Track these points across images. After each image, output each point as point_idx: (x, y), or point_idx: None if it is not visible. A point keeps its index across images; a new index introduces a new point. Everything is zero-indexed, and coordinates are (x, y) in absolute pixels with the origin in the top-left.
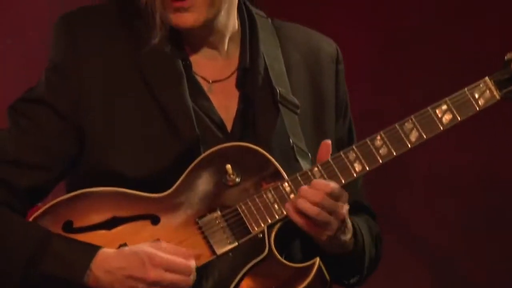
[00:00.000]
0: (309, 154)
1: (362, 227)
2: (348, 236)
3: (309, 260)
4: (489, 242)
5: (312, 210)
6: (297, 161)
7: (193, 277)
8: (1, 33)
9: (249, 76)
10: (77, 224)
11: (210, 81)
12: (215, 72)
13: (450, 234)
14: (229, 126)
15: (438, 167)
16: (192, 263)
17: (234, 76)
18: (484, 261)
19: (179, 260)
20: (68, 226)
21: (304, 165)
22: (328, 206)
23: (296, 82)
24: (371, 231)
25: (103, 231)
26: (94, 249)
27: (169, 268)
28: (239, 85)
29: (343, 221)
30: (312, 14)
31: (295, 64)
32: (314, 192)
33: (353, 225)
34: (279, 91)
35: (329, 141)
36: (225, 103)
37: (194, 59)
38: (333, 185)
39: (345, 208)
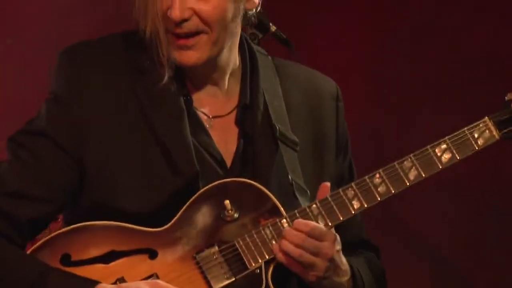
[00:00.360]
0: (308, 192)
1: (362, 268)
2: (343, 279)
3: None
4: (490, 242)
5: (294, 252)
6: (296, 197)
7: None
8: (1, 33)
9: (249, 113)
10: (75, 257)
11: (211, 117)
12: (215, 108)
13: (451, 234)
14: (228, 162)
15: None
16: None
17: (234, 112)
18: (485, 262)
19: None
20: (66, 259)
21: (303, 202)
22: (310, 247)
23: (296, 120)
24: (373, 271)
25: (100, 265)
26: (91, 284)
27: None
28: (239, 121)
29: (331, 261)
30: (312, 15)
31: (295, 102)
32: (295, 234)
33: (352, 268)
34: (278, 128)
35: (328, 184)
36: (225, 139)
37: (195, 95)
38: (313, 225)
39: (333, 248)
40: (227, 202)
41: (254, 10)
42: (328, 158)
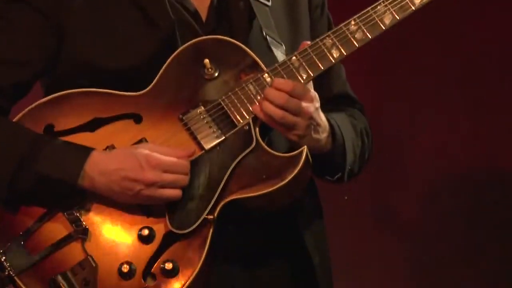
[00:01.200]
0: (283, 45)
1: (343, 124)
2: (323, 135)
3: (295, 149)
4: (490, 240)
5: (277, 113)
6: (271, 51)
7: (189, 176)
8: None
9: None
10: (59, 127)
11: None
12: None
13: (451, 232)
14: (203, 16)
15: (437, 165)
16: (188, 162)
17: None
18: (485, 259)
19: (175, 159)
20: (50, 130)
21: (277, 54)
22: (292, 108)
23: None
24: (355, 126)
25: (87, 133)
26: (87, 150)
27: (167, 168)
28: None
29: (311, 119)
30: None
31: None
32: (277, 94)
33: (331, 124)
34: None
35: (308, 42)
36: None
37: None
38: (293, 83)
39: (312, 106)
40: (206, 60)
41: None
42: (303, 20)
